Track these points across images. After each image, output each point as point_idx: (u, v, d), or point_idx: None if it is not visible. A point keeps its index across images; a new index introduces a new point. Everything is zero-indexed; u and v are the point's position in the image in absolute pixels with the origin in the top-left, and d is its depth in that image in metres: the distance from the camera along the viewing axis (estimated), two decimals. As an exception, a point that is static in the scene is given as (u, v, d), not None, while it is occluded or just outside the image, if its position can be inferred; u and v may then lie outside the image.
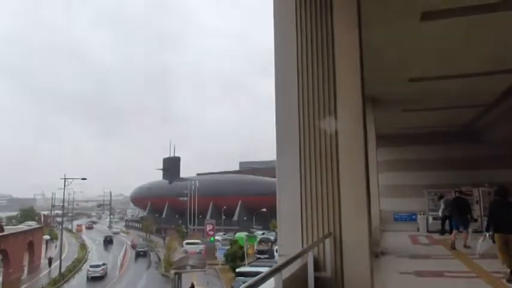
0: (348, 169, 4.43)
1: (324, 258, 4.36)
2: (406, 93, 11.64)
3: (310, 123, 4.59)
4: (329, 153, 4.47)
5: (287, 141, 4.68)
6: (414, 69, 9.58)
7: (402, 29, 7.02)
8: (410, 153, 17.63)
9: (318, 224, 4.44)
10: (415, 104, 12.67)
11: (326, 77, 4.57)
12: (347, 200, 4.42)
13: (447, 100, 12.54)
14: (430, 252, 11.89)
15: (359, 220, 4.42)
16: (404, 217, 17.90)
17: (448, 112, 14.02)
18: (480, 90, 11.61)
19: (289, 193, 4.59)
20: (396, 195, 17.37)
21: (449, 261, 10.16)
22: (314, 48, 4.67)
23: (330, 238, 4.32)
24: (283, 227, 4.62)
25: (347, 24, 4.55)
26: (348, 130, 4.47)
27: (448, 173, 16.99)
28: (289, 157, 4.65)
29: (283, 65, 4.83)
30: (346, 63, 4.52)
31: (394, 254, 11.18)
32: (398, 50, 8.17)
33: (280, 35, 4.87)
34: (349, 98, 4.47)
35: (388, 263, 9.94)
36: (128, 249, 60.82)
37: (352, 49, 4.50)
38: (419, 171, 17.53)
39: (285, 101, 4.77)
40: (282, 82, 4.86)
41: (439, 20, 6.59)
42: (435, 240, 14.32)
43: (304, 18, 4.74)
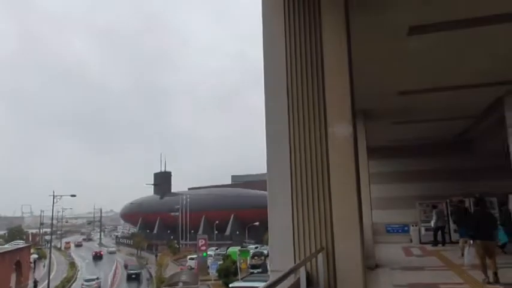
0: (339, 183, 4.41)
1: (316, 273, 4.30)
2: (396, 106, 11.76)
3: (301, 137, 4.58)
4: (320, 167, 4.46)
5: (277, 156, 4.66)
6: (403, 83, 9.70)
7: (390, 43, 7.12)
8: (401, 164, 17.74)
9: (310, 239, 4.39)
10: (406, 116, 12.80)
11: (316, 90, 4.59)
12: (339, 214, 4.39)
13: (437, 112, 12.70)
14: (423, 263, 11.86)
15: (351, 234, 4.38)
16: (396, 229, 17.90)
17: (438, 124, 14.19)
18: (469, 102, 11.78)
19: (281, 207, 4.54)
20: (388, 207, 17.38)
21: (443, 273, 10.14)
22: (303, 62, 4.70)
23: (323, 252, 4.27)
24: (275, 242, 4.56)
25: (336, 39, 4.59)
26: (338, 144, 4.47)
27: (439, 184, 17.11)
28: (280, 171, 4.62)
29: (273, 79, 4.85)
30: (336, 77, 4.55)
31: (387, 266, 11.12)
32: (387, 63, 8.28)
33: (269, 50, 4.90)
34: (339, 112, 4.48)
35: (382, 276, 9.88)
36: (118, 266, 59.63)
37: (341, 63, 4.53)
38: (410, 183, 17.62)
39: (275, 116, 4.76)
40: (271, 97, 4.87)
41: (426, 34, 6.69)
42: (428, 251, 14.31)
43: (294, 33, 4.78)
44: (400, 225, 17.75)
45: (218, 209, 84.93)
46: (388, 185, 17.53)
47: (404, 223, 17.63)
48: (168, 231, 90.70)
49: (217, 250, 62.51)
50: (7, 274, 44.70)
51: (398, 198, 17.60)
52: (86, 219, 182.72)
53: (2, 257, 45.02)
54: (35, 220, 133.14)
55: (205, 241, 53.01)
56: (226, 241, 77.03)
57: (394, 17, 6.14)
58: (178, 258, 63.76)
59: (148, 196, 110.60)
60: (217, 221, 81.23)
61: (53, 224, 54.40)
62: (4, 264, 43.86)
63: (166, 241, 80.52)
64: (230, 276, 38.42)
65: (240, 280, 34.60)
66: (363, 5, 5.59)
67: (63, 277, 51.82)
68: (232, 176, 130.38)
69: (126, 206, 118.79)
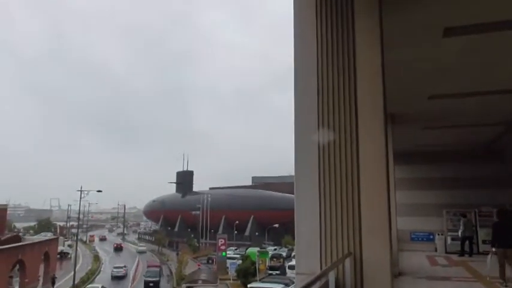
0: (369, 188, 4.34)
1: (343, 278, 4.24)
2: (425, 111, 11.49)
3: (330, 142, 4.53)
4: (350, 172, 4.40)
5: (306, 159, 4.63)
6: (434, 87, 9.46)
7: (424, 46, 6.95)
8: (428, 171, 17.31)
9: (337, 243, 4.35)
10: (435, 121, 12.49)
11: (347, 95, 4.54)
12: (368, 219, 4.32)
13: (467, 118, 12.34)
14: (449, 273, 11.51)
15: (379, 240, 4.31)
16: (421, 237, 17.45)
17: (468, 130, 13.78)
18: (501, 109, 11.39)
19: (308, 211, 4.51)
20: (413, 214, 16.98)
21: (470, 284, 9.81)
22: (335, 65, 4.65)
23: (350, 258, 4.21)
24: (302, 245, 4.53)
25: (369, 41, 4.53)
26: (370, 149, 4.40)
27: (467, 192, 16.59)
28: (308, 175, 4.59)
29: (303, 81, 4.82)
30: (368, 81, 4.48)
31: (411, 275, 10.87)
32: (419, 67, 8.09)
33: (301, 53, 4.88)
34: (370, 117, 4.41)
35: (405, 284, 9.66)
36: (140, 262, 60.75)
37: (374, 67, 4.46)
38: (437, 190, 17.15)
39: (305, 119, 4.74)
40: (301, 99, 4.84)
41: (461, 36, 6.51)
42: (454, 261, 13.89)
43: (325, 35, 4.74)
44: (425, 233, 17.30)
45: (238, 210, 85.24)
46: (414, 192, 17.13)
47: (429, 231, 17.18)
48: (188, 229, 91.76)
49: (237, 250, 62.76)
50: (36, 264, 46.46)
51: (424, 206, 17.17)
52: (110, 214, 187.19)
53: (31, 247, 46.83)
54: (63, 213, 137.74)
55: (225, 241, 53.31)
56: (246, 242, 77.21)
57: (429, 19, 5.98)
58: (198, 256, 64.33)
59: (170, 194, 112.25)
60: (237, 221, 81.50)
61: (79, 218, 55.92)
62: (34, 254, 45.60)
63: (187, 239, 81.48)
64: (249, 277, 38.47)
65: (258, 281, 34.64)
66: (398, 7, 5.48)
67: (88, 269, 53.23)
68: (253, 177, 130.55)
69: (149, 203, 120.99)
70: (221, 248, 52.04)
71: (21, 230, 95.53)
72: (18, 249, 43.02)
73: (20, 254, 42.21)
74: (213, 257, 56.68)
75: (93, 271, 52.56)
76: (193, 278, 32.04)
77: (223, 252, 51.76)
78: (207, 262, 58.36)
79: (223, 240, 52.89)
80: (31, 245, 48.43)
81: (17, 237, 54.83)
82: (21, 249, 43.69)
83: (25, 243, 47.80)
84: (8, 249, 40.46)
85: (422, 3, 5.64)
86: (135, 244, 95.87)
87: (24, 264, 42.72)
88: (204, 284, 30.81)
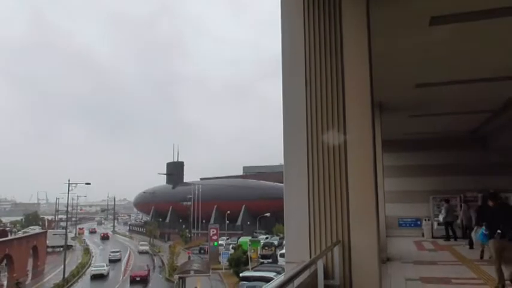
0: (356, 175, 4.41)
1: (332, 266, 4.33)
2: (413, 99, 11.60)
3: (319, 130, 4.57)
4: (337, 160, 4.45)
5: (295, 148, 4.66)
6: (421, 75, 9.55)
7: (411, 34, 7.00)
8: (415, 158, 17.56)
9: (326, 231, 4.41)
10: (422, 109, 12.62)
11: (335, 83, 4.56)
12: (356, 206, 4.39)
13: (454, 106, 12.49)
14: (435, 258, 11.81)
15: (368, 227, 4.39)
16: (408, 223, 17.80)
17: (454, 118, 13.96)
18: (488, 96, 11.55)
19: (297, 200, 4.56)
20: (401, 200, 17.27)
21: (457, 268, 10.08)
22: (322, 54, 4.66)
23: (339, 245, 4.29)
24: (291, 234, 4.59)
25: (356, 30, 4.54)
26: (357, 136, 4.45)
27: (453, 178, 16.93)
28: (297, 164, 4.62)
29: (291, 71, 4.83)
30: (355, 69, 4.51)
31: (399, 260, 11.11)
32: (406, 55, 8.15)
33: (288, 41, 4.87)
34: (358, 105, 4.45)
35: (393, 269, 9.87)
36: (131, 253, 60.74)
37: (361, 55, 4.49)
38: (424, 177, 17.44)
39: (293, 108, 4.75)
40: (289, 89, 4.85)
41: (448, 25, 6.56)
42: (440, 246, 14.23)
43: (313, 25, 4.74)
44: (413, 219, 17.64)
45: (230, 200, 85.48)
46: (401, 179, 17.39)
47: (417, 217, 17.52)
48: (180, 220, 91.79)
49: (228, 240, 63.13)
50: (24, 259, 46.10)
51: (411, 192, 17.47)
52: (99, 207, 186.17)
53: (19, 242, 46.42)
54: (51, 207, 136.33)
55: (217, 230, 53.53)
56: (238, 231, 77.67)
57: (416, 7, 6.01)
58: (190, 247, 64.56)
59: (161, 185, 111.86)
60: (229, 211, 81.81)
61: (68, 211, 55.56)
62: (21, 249, 45.19)
63: (178, 230, 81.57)
64: (241, 266, 38.82)
65: (250, 270, 34.99)
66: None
67: (78, 262, 53.00)
68: (244, 167, 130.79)
69: (139, 195, 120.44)
70: (213, 238, 52.28)
71: (7, 225, 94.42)
72: (5, 243, 42.58)
73: (7, 248, 41.78)
74: (205, 247, 56.96)
75: (83, 264, 52.26)
76: (185, 268, 32.16)
77: (215, 242, 52.02)
78: (199, 252, 58.62)
79: (215, 230, 53.11)
80: (18, 239, 48.02)
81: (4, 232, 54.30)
82: (9, 244, 43.26)
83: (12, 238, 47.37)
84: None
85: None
86: (125, 236, 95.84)
87: (11, 259, 42.34)
88: (196, 274, 30.96)
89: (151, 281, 42.99)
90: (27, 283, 43.23)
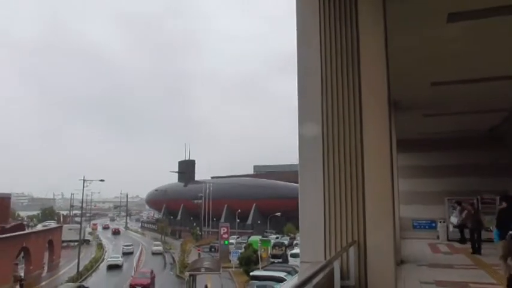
0: (373, 175, 4.32)
1: (347, 266, 4.25)
2: (428, 98, 11.40)
3: (334, 129, 4.49)
4: (354, 160, 4.37)
5: (310, 148, 4.59)
6: (437, 73, 9.36)
7: (427, 32, 6.85)
8: (430, 158, 17.24)
9: (341, 232, 4.34)
10: (437, 108, 12.39)
11: (351, 81, 4.47)
12: (372, 207, 4.31)
13: (470, 104, 12.23)
14: (451, 261, 11.55)
15: (384, 228, 4.30)
16: (423, 224, 17.50)
17: (470, 117, 13.68)
18: (504, 95, 11.28)
19: (312, 200, 4.49)
20: (415, 201, 16.98)
21: (474, 271, 9.84)
22: (338, 52, 4.58)
23: (354, 246, 4.20)
24: (306, 234, 4.53)
25: (373, 27, 4.45)
26: (373, 136, 4.36)
27: (469, 179, 16.53)
28: (312, 164, 4.56)
29: (306, 70, 4.75)
30: (372, 67, 4.42)
31: (414, 263, 10.90)
32: (422, 53, 8.00)
33: (303, 39, 4.80)
34: (374, 104, 4.36)
35: (408, 272, 9.68)
36: (143, 250, 61.33)
37: (378, 53, 4.40)
38: (439, 178, 17.10)
39: (308, 107, 4.69)
40: (305, 87, 4.78)
41: (465, 21, 6.39)
42: (456, 249, 13.92)
43: (328, 22, 4.66)
44: (427, 221, 17.33)
45: (240, 198, 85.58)
46: (416, 179, 17.09)
47: (431, 219, 17.20)
48: (191, 218, 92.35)
49: (239, 239, 63.21)
50: (41, 252, 47.18)
51: (426, 193, 17.15)
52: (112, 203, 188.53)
53: (36, 235, 47.53)
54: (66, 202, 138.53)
55: (227, 229, 53.63)
56: (248, 230, 77.74)
57: (434, 3, 5.87)
58: (201, 245, 64.86)
59: (172, 183, 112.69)
60: (239, 210, 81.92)
61: (82, 206, 56.44)
62: (38, 242, 46.27)
63: (189, 228, 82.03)
64: (251, 265, 38.79)
65: (260, 269, 34.95)
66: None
67: (92, 257, 53.83)
68: (255, 166, 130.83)
69: (151, 192, 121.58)
70: (224, 236, 52.39)
71: (25, 219, 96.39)
72: (23, 237, 43.66)
73: (25, 241, 42.80)
74: (216, 245, 57.12)
75: (96, 259, 53.12)
76: (196, 266, 32.28)
77: (225, 240, 52.11)
78: (210, 250, 58.82)
79: (226, 229, 53.21)
80: (35, 233, 49.12)
81: (21, 226, 55.59)
82: (26, 237, 44.32)
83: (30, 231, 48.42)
84: (13, 237, 41.13)
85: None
86: (137, 232, 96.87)
87: (29, 252, 43.37)
88: (207, 271, 31.06)
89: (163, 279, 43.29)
90: (43, 275, 44.35)
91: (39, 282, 40.63)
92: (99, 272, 47.27)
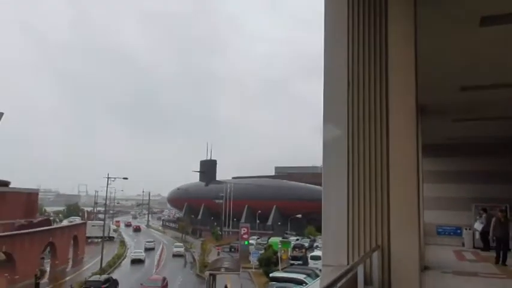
0: (398, 180, 4.28)
1: (370, 271, 4.22)
2: (458, 103, 11.13)
3: (360, 133, 4.47)
4: (379, 165, 4.34)
5: (335, 151, 4.58)
6: (467, 78, 9.14)
7: (459, 36, 6.70)
8: (457, 164, 16.84)
9: (365, 236, 4.31)
10: (466, 113, 12.10)
11: (378, 85, 4.44)
12: (397, 211, 4.27)
13: (500, 110, 11.88)
14: (477, 269, 11.24)
15: (409, 233, 4.26)
16: (448, 231, 17.10)
17: (500, 123, 13.27)
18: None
19: (336, 202, 4.49)
20: (440, 207, 16.61)
21: (500, 281, 9.56)
22: (366, 54, 4.55)
23: (378, 251, 4.18)
24: (329, 237, 4.52)
25: (403, 29, 4.40)
26: (399, 141, 4.32)
27: (497, 186, 16.05)
28: (337, 167, 4.55)
29: (333, 74, 4.74)
30: (401, 71, 4.37)
31: (438, 269, 10.68)
32: (452, 57, 7.83)
33: (331, 43, 4.79)
34: (402, 109, 4.31)
35: (432, 279, 9.50)
36: (164, 248, 62.30)
37: (407, 58, 4.35)
38: (466, 183, 16.68)
39: (334, 110, 4.67)
40: (330, 91, 4.77)
41: (498, 26, 6.24)
42: (482, 257, 13.53)
43: (357, 26, 4.64)
44: (453, 227, 16.92)
45: (261, 199, 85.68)
46: (441, 185, 16.73)
47: (457, 225, 16.79)
48: (211, 217, 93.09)
49: (259, 239, 63.27)
50: (66, 247, 48.65)
51: (452, 199, 16.76)
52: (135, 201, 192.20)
53: (62, 231, 49.04)
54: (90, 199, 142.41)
55: (248, 229, 53.77)
56: (268, 231, 77.71)
57: (466, 7, 5.74)
58: (221, 244, 65.29)
59: (194, 183, 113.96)
60: (260, 210, 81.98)
61: (106, 203, 57.88)
62: (64, 238, 47.70)
63: (210, 227, 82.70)
64: (271, 266, 38.78)
65: (280, 270, 34.89)
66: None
67: (114, 254, 55.07)
68: (276, 167, 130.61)
69: (173, 191, 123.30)
70: (244, 236, 52.56)
71: (51, 214, 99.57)
72: (49, 232, 45.05)
73: (51, 237, 44.15)
74: (236, 245, 57.36)
75: (119, 255, 54.28)
76: (216, 266, 32.58)
77: (246, 240, 52.26)
78: (230, 250, 59.13)
79: (246, 229, 53.38)
80: (61, 228, 50.66)
81: (48, 221, 57.36)
82: (52, 233, 45.71)
83: (56, 227, 49.95)
84: (40, 232, 42.44)
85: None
86: (158, 230, 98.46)
87: (55, 247, 44.74)
88: (226, 271, 31.28)
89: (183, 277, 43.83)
90: (68, 270, 45.71)
91: (64, 276, 41.81)
92: (122, 268, 48.39)
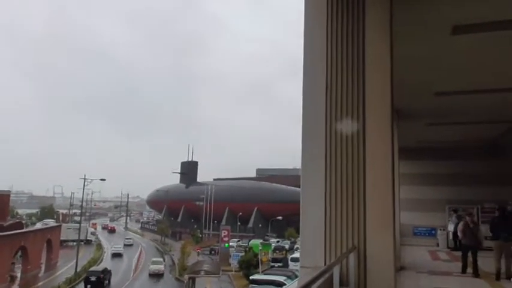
0: (374, 182, 4.39)
1: (347, 272, 4.31)
2: (432, 107, 11.47)
3: (338, 134, 4.57)
4: (356, 167, 4.44)
5: (313, 153, 4.66)
6: (441, 83, 9.44)
7: (433, 42, 6.92)
8: (432, 167, 17.31)
9: (341, 237, 4.40)
10: (440, 118, 12.48)
11: (356, 90, 4.55)
12: (372, 213, 4.37)
13: (473, 115, 12.31)
14: (451, 269, 11.58)
15: (384, 234, 4.37)
16: (423, 232, 17.55)
17: (473, 127, 13.74)
18: (507, 106, 11.35)
19: (314, 205, 4.56)
20: (416, 209, 17.04)
21: (472, 280, 9.87)
22: (344, 57, 4.65)
23: (354, 252, 4.28)
24: (307, 239, 4.59)
25: (379, 38, 4.53)
26: (376, 143, 4.44)
27: (470, 188, 16.60)
28: (315, 169, 4.63)
29: (312, 77, 4.83)
30: (377, 77, 4.49)
31: (413, 269, 10.94)
32: (426, 63, 8.07)
33: (310, 46, 4.87)
34: (378, 112, 4.43)
35: (407, 278, 9.73)
36: (142, 251, 61.34)
37: (383, 62, 4.47)
38: (440, 186, 17.18)
39: (312, 112, 4.75)
40: (309, 92, 4.85)
41: (470, 34, 6.49)
42: (456, 256, 13.94)
43: (335, 30, 4.74)
44: (428, 228, 17.38)
45: (242, 201, 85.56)
46: (417, 187, 17.17)
47: (432, 226, 17.26)
48: (192, 220, 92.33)
49: (240, 242, 63.11)
50: (39, 251, 46.96)
51: (427, 201, 17.22)
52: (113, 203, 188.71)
53: (34, 234, 47.35)
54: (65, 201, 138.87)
55: (228, 232, 53.54)
56: (249, 233, 77.65)
57: (439, 15, 5.95)
58: (201, 247, 64.83)
59: (174, 184, 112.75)
60: (241, 213, 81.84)
61: (82, 205, 56.45)
62: (36, 241, 46.03)
63: (190, 230, 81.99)
64: (251, 269, 38.75)
65: (260, 273, 34.91)
66: (409, 2, 5.45)
67: (90, 257, 53.67)
68: (257, 169, 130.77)
69: (153, 192, 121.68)
70: (224, 239, 52.32)
71: (23, 217, 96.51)
72: (21, 236, 43.39)
73: (23, 240, 42.53)
74: (216, 248, 57.09)
75: (95, 259, 52.85)
76: (195, 269, 32.29)
77: (226, 243, 52.04)
78: (210, 253, 58.77)
79: (227, 232, 53.12)
80: (34, 231, 48.90)
81: (20, 224, 55.35)
82: (24, 236, 44.09)
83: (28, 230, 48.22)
84: (11, 236, 40.71)
85: (432, 1, 5.63)
86: (136, 233, 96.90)
87: (27, 251, 43.08)
88: (206, 274, 31.07)
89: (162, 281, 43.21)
90: (40, 275, 43.95)
91: (36, 282, 40.28)
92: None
